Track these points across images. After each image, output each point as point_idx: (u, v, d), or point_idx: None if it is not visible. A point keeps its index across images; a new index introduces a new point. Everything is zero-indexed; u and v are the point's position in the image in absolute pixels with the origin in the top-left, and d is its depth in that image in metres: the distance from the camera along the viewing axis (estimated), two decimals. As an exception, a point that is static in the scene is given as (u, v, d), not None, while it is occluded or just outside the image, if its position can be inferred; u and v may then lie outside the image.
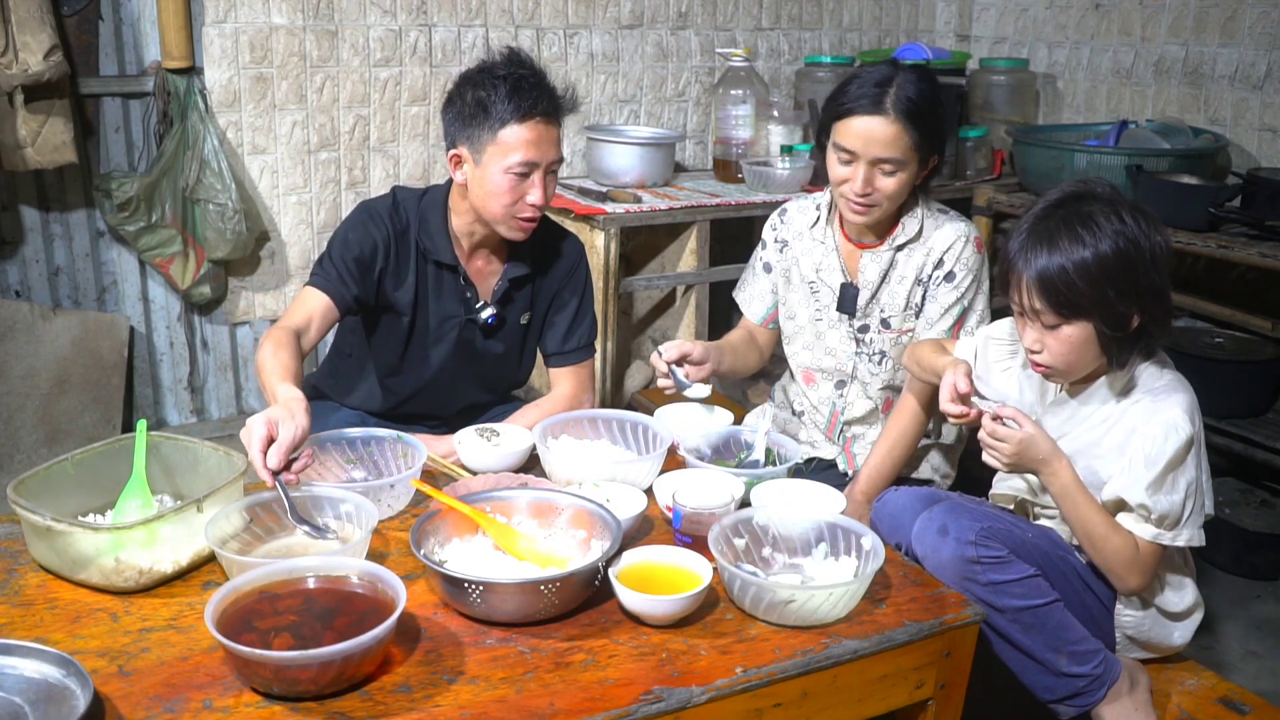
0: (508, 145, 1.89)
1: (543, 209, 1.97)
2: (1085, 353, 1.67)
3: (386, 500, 1.66)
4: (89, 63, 2.95)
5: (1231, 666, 2.40)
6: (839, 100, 2.02)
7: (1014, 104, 3.77)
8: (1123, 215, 1.62)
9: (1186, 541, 1.68)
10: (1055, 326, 1.65)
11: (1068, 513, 1.71)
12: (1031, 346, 1.70)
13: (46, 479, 1.53)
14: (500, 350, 2.13)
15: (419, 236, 2.02)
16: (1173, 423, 1.64)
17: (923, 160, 2.03)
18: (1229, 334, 3.14)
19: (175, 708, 1.21)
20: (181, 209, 2.99)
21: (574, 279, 2.15)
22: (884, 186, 2.00)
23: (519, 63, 1.93)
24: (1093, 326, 1.63)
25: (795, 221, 2.24)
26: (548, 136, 1.92)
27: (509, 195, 1.92)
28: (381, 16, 3.19)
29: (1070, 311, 1.63)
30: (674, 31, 3.69)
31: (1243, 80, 3.24)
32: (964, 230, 2.11)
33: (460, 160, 1.95)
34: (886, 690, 1.44)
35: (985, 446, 1.73)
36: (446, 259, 2.02)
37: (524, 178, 1.91)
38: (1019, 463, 1.71)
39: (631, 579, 1.42)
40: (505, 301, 2.09)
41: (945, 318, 2.10)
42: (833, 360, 2.22)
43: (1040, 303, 1.64)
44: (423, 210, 2.03)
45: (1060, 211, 1.66)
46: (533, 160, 1.90)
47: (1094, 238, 1.60)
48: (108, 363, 3.09)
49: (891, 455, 2.09)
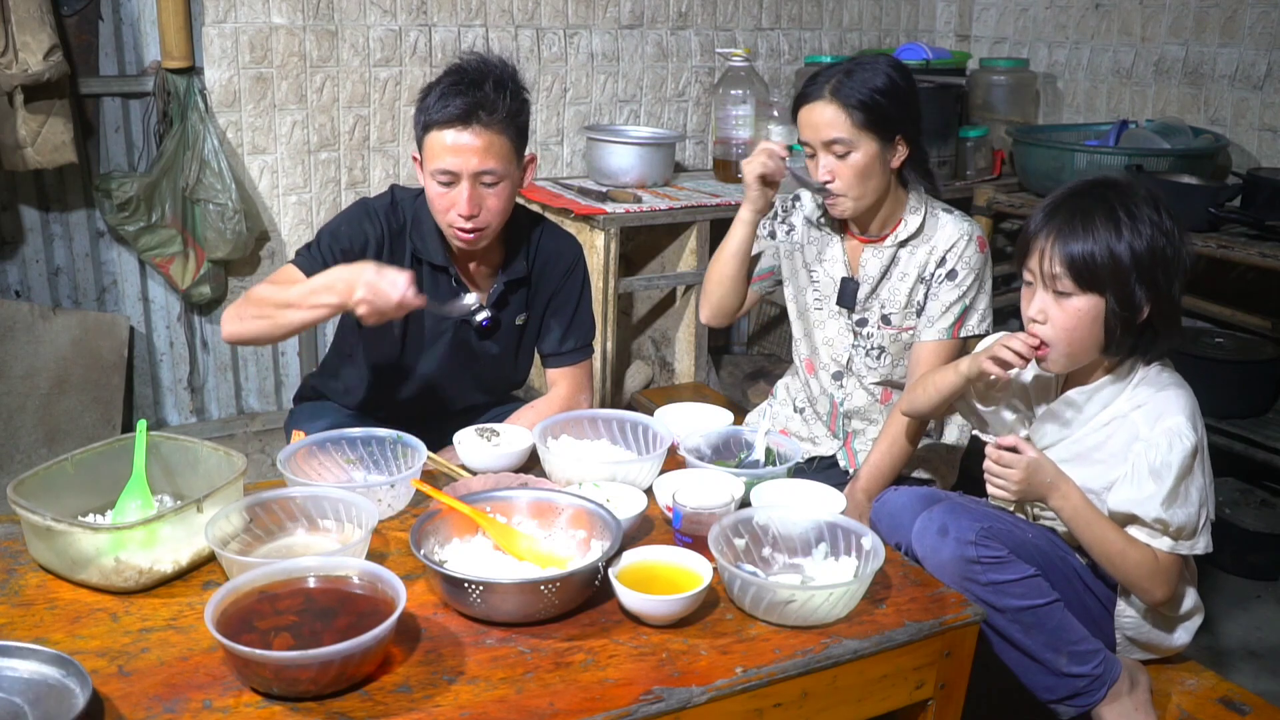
0: (430, 151, 1.87)
1: (478, 223, 1.88)
2: (1087, 333, 1.65)
3: (386, 500, 1.66)
4: (89, 63, 2.95)
5: (1231, 666, 2.40)
6: (794, 98, 2.10)
7: (1014, 104, 3.77)
8: (1160, 210, 1.63)
9: (1205, 549, 1.67)
10: (1067, 295, 1.64)
11: (1082, 536, 1.69)
12: (1035, 316, 1.68)
13: (46, 479, 1.53)
14: (496, 351, 2.13)
15: (412, 237, 2.01)
16: (1176, 430, 1.64)
17: (882, 142, 2.03)
18: (1229, 334, 3.14)
19: (175, 708, 1.21)
20: (181, 209, 2.99)
21: (571, 280, 2.14)
22: (840, 170, 2.03)
23: (464, 68, 1.87)
24: (1103, 304, 1.63)
25: (806, 207, 2.25)
26: (472, 146, 1.83)
27: (438, 203, 1.89)
28: (381, 16, 3.19)
29: (1089, 284, 1.62)
30: (674, 31, 3.69)
31: (1243, 80, 3.25)
32: (967, 229, 2.11)
33: (418, 164, 1.95)
34: (886, 690, 1.44)
35: (991, 479, 1.69)
36: (438, 260, 2.01)
37: (447, 186, 1.87)
38: (1027, 490, 1.67)
39: (631, 579, 1.42)
40: (500, 304, 2.08)
41: (946, 316, 2.10)
42: (830, 351, 2.23)
43: (1061, 269, 1.63)
44: (417, 210, 2.02)
45: (1097, 191, 1.66)
46: (449, 169, 1.84)
47: (1132, 222, 1.61)
48: (108, 363, 3.09)
49: (890, 452, 2.09)
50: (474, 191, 1.87)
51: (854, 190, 2.04)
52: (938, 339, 2.11)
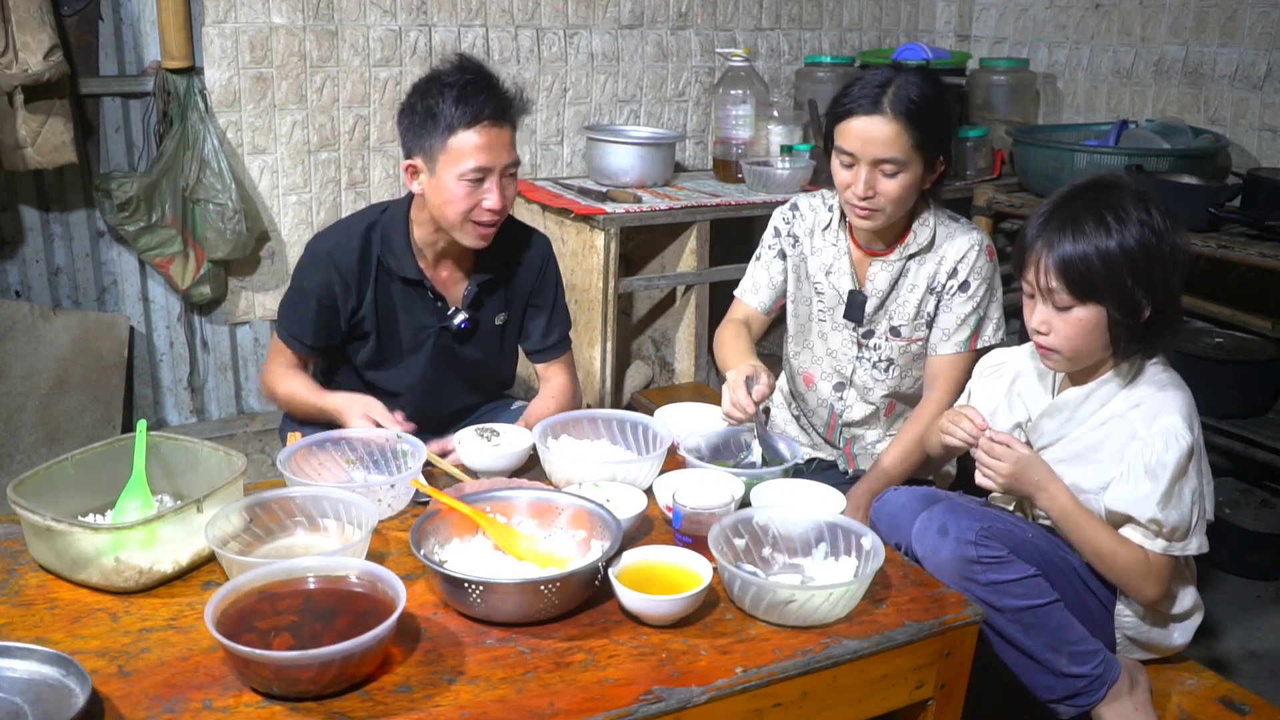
0: (459, 152, 1.89)
1: (502, 213, 1.96)
2: (1092, 338, 1.66)
3: (386, 500, 1.66)
4: (89, 63, 2.95)
5: (1231, 666, 2.40)
6: (840, 103, 2.00)
7: (1014, 104, 3.77)
8: (1150, 208, 1.63)
9: (1197, 549, 1.68)
10: (1067, 308, 1.65)
11: (1071, 537, 1.71)
12: (1039, 328, 1.69)
13: (46, 479, 1.53)
14: (479, 354, 2.16)
15: (382, 255, 2.03)
16: (1172, 430, 1.64)
17: (927, 163, 1.98)
18: (1229, 334, 3.14)
19: (175, 708, 1.21)
20: (181, 209, 2.99)
21: (545, 276, 2.17)
22: (886, 189, 1.96)
23: (466, 68, 1.93)
24: (1105, 312, 1.63)
25: (807, 218, 2.21)
26: (499, 140, 1.91)
27: (465, 202, 1.92)
28: (381, 16, 3.19)
29: (1085, 294, 1.62)
30: (674, 31, 3.69)
31: (1243, 80, 3.24)
32: (976, 239, 2.09)
33: (416, 171, 1.96)
34: (886, 690, 1.44)
35: (981, 465, 1.73)
36: (411, 274, 2.04)
37: (478, 184, 1.91)
38: (1014, 484, 1.70)
39: (631, 579, 1.42)
40: (477, 305, 2.10)
41: (962, 328, 2.09)
42: (833, 362, 2.22)
43: (1057, 282, 1.63)
44: (384, 228, 2.04)
45: (1086, 196, 1.66)
46: (485, 165, 1.90)
47: (1120, 225, 1.60)
48: (108, 363, 3.09)
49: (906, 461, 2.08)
50: (502, 184, 1.93)
51: (891, 208, 1.99)
52: (955, 352, 2.09)
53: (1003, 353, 1.95)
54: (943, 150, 2.01)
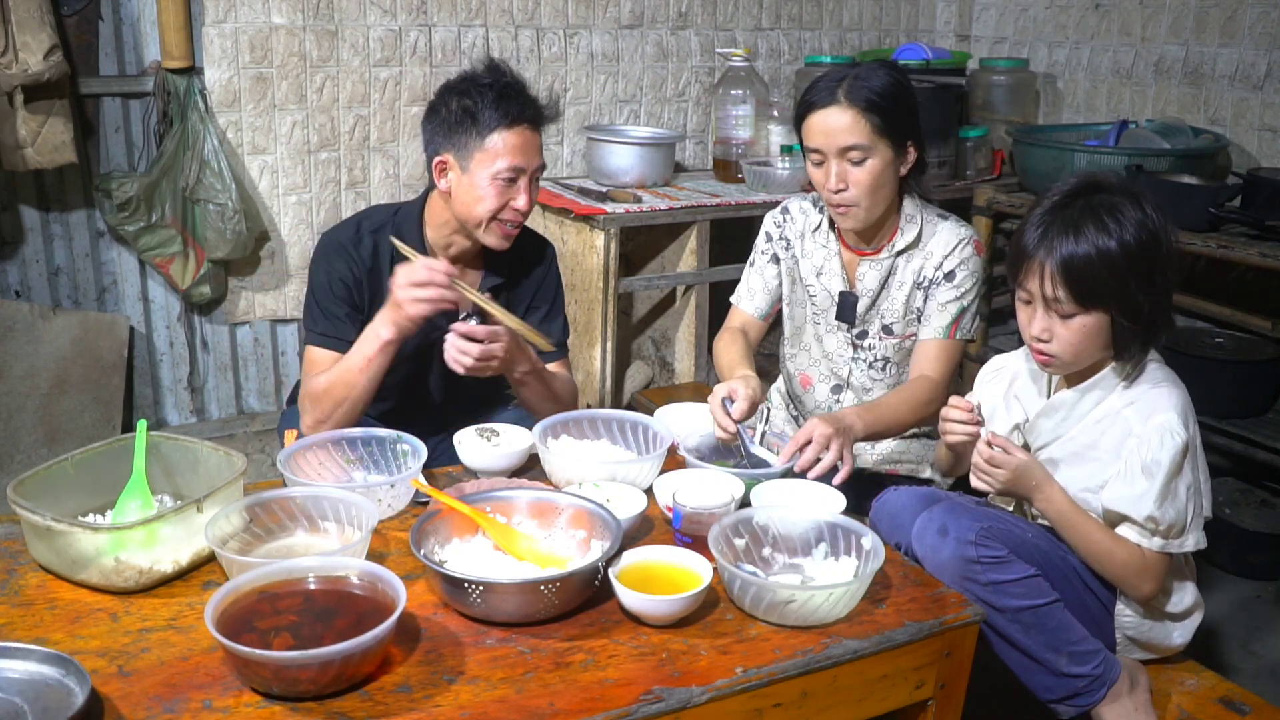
0: (495, 151, 1.93)
1: (527, 215, 2.01)
2: (1094, 343, 1.66)
3: (386, 500, 1.66)
4: (89, 63, 2.95)
5: (1231, 666, 2.40)
6: (801, 103, 2.04)
7: (1014, 104, 3.77)
8: (1144, 207, 1.63)
9: (1194, 546, 1.68)
10: (1070, 316, 1.65)
11: (1067, 537, 1.71)
12: (1040, 335, 1.68)
13: (46, 479, 1.53)
14: None
15: (394, 255, 2.03)
16: (1167, 427, 1.64)
17: (896, 148, 2.00)
18: (1229, 334, 3.14)
19: (175, 708, 1.21)
20: (181, 209, 2.99)
21: (547, 282, 2.20)
22: (856, 178, 1.98)
23: (502, 72, 1.98)
24: (1108, 317, 1.63)
25: (797, 221, 2.23)
26: (533, 143, 1.97)
27: (495, 201, 1.95)
28: (381, 16, 3.19)
29: (1090, 301, 1.62)
30: (674, 31, 3.69)
31: (1243, 80, 3.24)
32: (964, 233, 2.10)
33: (446, 168, 1.97)
34: (886, 690, 1.44)
35: (977, 470, 1.73)
36: None
37: (511, 184, 1.95)
38: (1011, 488, 1.71)
39: (631, 579, 1.42)
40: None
41: (943, 315, 2.09)
42: (829, 364, 2.22)
43: (1062, 291, 1.62)
44: (398, 227, 2.05)
45: (1081, 200, 1.65)
46: (519, 166, 1.95)
47: (1119, 226, 1.60)
48: (108, 363, 3.09)
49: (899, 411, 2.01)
50: (529, 186, 1.98)
51: (866, 200, 2.00)
52: (933, 337, 2.10)
53: (1002, 358, 1.95)
54: (910, 136, 2.02)
